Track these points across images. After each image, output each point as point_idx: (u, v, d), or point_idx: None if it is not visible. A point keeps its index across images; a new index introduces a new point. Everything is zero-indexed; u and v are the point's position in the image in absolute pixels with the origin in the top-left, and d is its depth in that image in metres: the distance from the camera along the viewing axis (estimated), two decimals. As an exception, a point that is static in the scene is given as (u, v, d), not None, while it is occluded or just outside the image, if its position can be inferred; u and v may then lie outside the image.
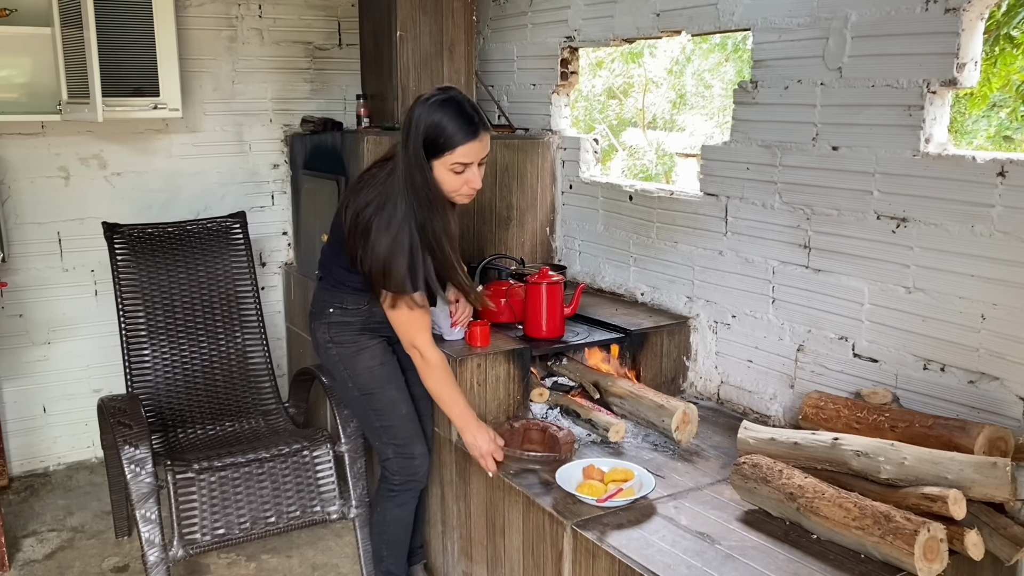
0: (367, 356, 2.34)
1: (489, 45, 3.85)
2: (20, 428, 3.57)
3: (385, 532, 2.52)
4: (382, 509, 2.50)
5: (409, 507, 2.50)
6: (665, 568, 1.81)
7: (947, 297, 2.14)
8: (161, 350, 3.11)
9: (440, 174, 2.11)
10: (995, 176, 2.00)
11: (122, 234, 3.16)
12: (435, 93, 2.10)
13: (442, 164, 2.09)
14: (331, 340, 2.36)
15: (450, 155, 2.07)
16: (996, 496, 1.77)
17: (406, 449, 2.40)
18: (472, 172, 2.12)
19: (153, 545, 2.46)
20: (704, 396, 2.90)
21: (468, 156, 2.09)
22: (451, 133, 2.06)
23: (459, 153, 2.07)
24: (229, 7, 3.68)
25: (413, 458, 2.41)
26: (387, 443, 2.41)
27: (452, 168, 2.09)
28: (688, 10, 2.77)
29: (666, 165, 9.55)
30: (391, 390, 2.36)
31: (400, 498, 2.47)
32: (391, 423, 2.38)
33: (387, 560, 2.54)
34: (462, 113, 2.07)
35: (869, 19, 2.24)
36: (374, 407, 2.38)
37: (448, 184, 2.12)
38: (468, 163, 2.10)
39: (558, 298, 2.71)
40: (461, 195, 2.17)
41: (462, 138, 2.06)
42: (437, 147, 2.07)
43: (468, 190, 2.15)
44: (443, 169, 2.10)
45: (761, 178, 2.59)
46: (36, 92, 3.31)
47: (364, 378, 2.35)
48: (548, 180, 3.51)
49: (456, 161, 2.08)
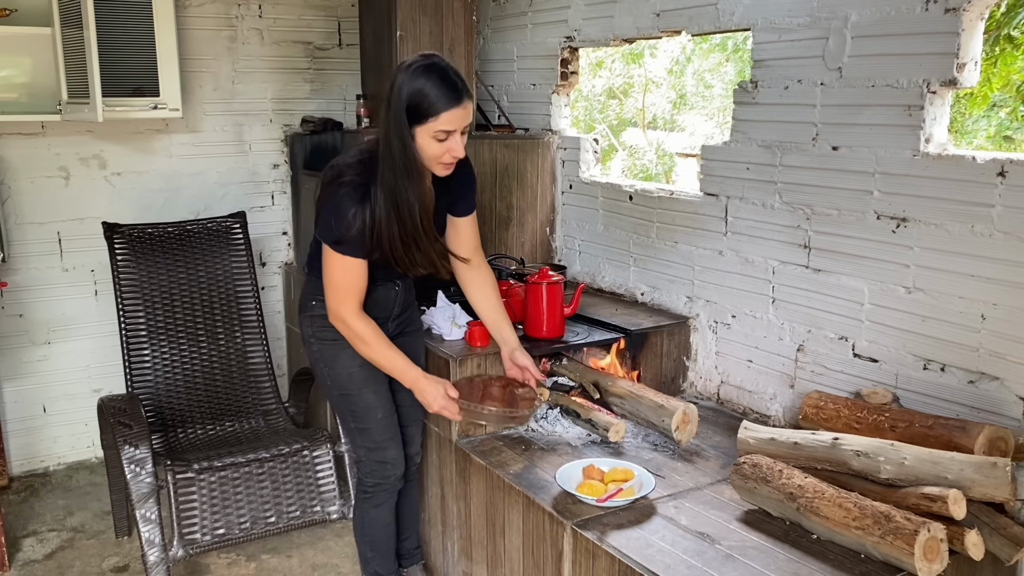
0: (347, 357, 2.30)
1: (489, 45, 3.85)
2: (20, 428, 3.57)
3: (365, 534, 2.51)
4: (359, 511, 2.50)
5: (386, 508, 2.48)
6: (665, 568, 1.81)
7: (947, 297, 2.14)
8: (161, 350, 3.11)
9: (422, 141, 2.08)
10: (995, 176, 2.00)
11: (122, 234, 3.16)
12: (417, 59, 2.08)
13: (425, 131, 2.07)
14: (313, 335, 2.34)
15: (434, 121, 2.05)
16: (996, 496, 1.77)
17: (378, 453, 2.39)
18: (455, 140, 2.10)
19: (153, 545, 2.46)
20: (704, 396, 2.90)
21: (451, 123, 2.06)
22: (434, 99, 2.03)
23: (443, 120, 2.05)
24: (229, 7, 3.69)
25: (385, 463, 2.40)
26: (360, 445, 2.40)
27: (435, 135, 2.07)
28: (688, 10, 2.77)
29: (666, 165, 9.55)
30: (368, 394, 2.34)
31: (375, 499, 2.45)
32: (366, 426, 2.36)
33: (372, 562, 2.53)
34: (445, 79, 2.05)
35: (869, 19, 2.24)
36: (351, 408, 2.36)
37: (430, 151, 2.10)
38: (451, 130, 2.07)
39: (558, 298, 2.71)
40: (442, 163, 2.14)
41: (445, 104, 2.04)
42: (420, 113, 2.05)
43: (449, 158, 2.12)
44: (425, 136, 2.07)
45: (761, 178, 2.59)
46: (36, 92, 3.31)
47: (343, 379, 2.33)
48: (548, 180, 3.51)
49: (439, 128, 2.06)
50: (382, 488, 2.43)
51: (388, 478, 2.42)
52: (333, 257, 2.15)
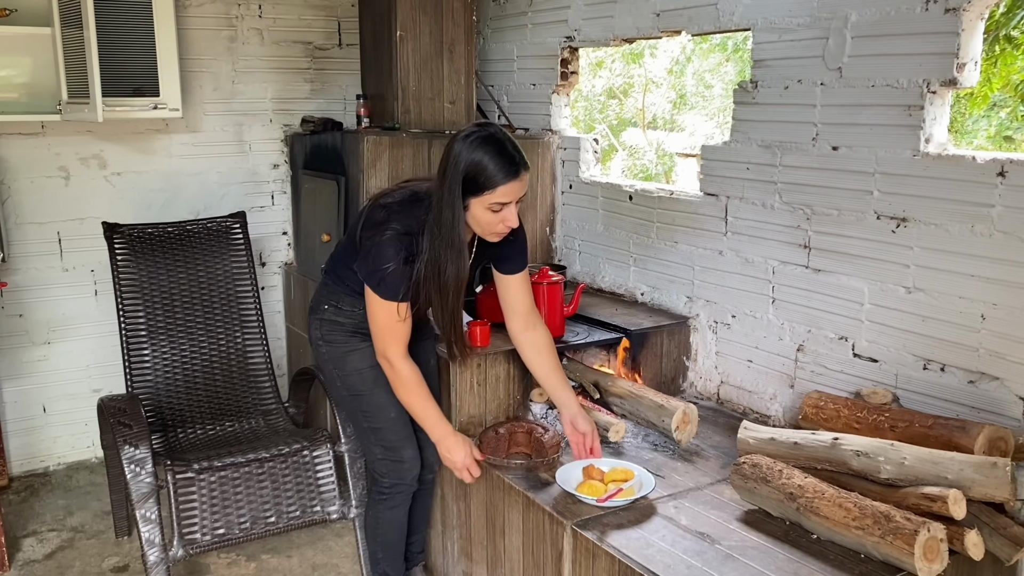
0: (357, 357, 2.31)
1: (489, 45, 3.85)
2: (20, 428, 3.57)
3: (378, 535, 2.51)
4: (374, 512, 2.49)
5: (401, 509, 2.47)
6: (665, 568, 1.81)
7: (947, 297, 2.14)
8: (161, 350, 3.11)
9: (476, 212, 2.08)
10: (995, 176, 2.00)
11: (122, 234, 3.16)
12: (474, 129, 2.08)
13: (480, 203, 2.07)
14: (322, 338, 2.34)
15: (490, 195, 2.05)
16: (996, 496, 1.77)
17: (395, 453, 2.38)
18: (509, 211, 2.10)
19: (153, 545, 2.46)
20: (704, 396, 2.90)
21: (508, 196, 2.06)
22: (492, 172, 2.03)
23: (499, 193, 2.05)
24: (229, 7, 3.68)
25: (402, 462, 2.39)
26: (375, 444, 2.39)
27: (490, 207, 2.07)
28: (688, 10, 2.77)
29: (666, 165, 9.55)
30: (380, 393, 2.32)
31: (391, 500, 2.44)
32: (379, 425, 2.36)
33: (383, 562, 2.54)
34: (503, 152, 2.04)
35: (869, 19, 2.24)
36: (362, 408, 2.36)
37: (484, 220, 2.10)
38: (507, 202, 2.07)
39: (558, 298, 2.71)
40: (495, 233, 2.14)
41: (503, 178, 2.03)
42: (477, 185, 2.05)
43: (503, 228, 2.13)
44: (480, 208, 2.07)
45: (761, 178, 2.59)
46: (36, 92, 3.31)
47: (353, 379, 2.33)
48: (548, 180, 3.51)
49: (496, 200, 2.06)
50: (399, 489, 2.43)
51: (405, 478, 2.41)
52: (375, 300, 2.15)
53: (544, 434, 2.38)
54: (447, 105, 3.47)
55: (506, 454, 2.36)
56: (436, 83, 3.43)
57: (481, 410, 2.54)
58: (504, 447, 2.37)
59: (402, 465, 2.39)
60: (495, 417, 2.56)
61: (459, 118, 3.48)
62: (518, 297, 2.35)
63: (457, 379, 2.50)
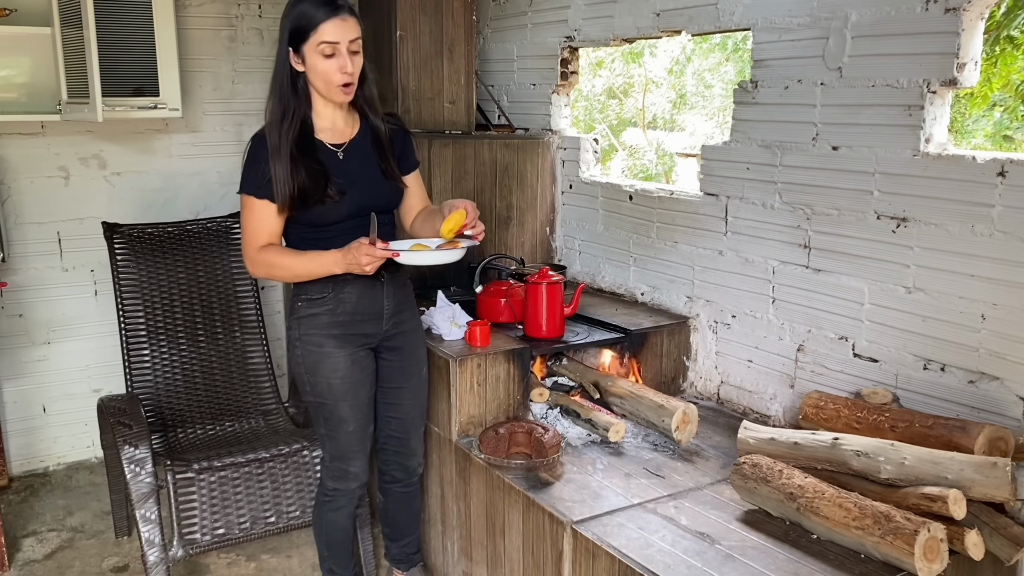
0: (329, 367, 2.29)
1: (489, 45, 3.85)
2: (20, 428, 3.57)
3: (322, 534, 2.52)
4: (318, 512, 2.50)
5: (343, 512, 2.46)
6: (665, 568, 1.81)
7: (947, 297, 2.14)
8: (161, 350, 3.11)
9: (312, 62, 2.13)
10: (995, 176, 2.00)
11: (122, 234, 3.16)
12: None
13: (312, 50, 2.12)
14: (299, 338, 2.31)
15: (315, 35, 2.10)
16: (996, 496, 1.77)
17: (343, 463, 2.38)
18: (344, 57, 2.13)
19: (153, 545, 2.46)
20: (704, 396, 2.90)
21: (333, 34, 2.10)
22: (312, 13, 2.10)
23: (323, 31, 2.09)
24: (229, 7, 3.68)
25: (348, 472, 2.39)
26: (327, 450, 2.41)
27: (320, 50, 2.11)
28: (688, 10, 2.77)
29: (666, 165, 9.54)
30: (343, 407, 2.32)
31: (333, 504, 2.44)
32: (335, 436, 2.36)
33: (329, 560, 2.55)
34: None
35: (869, 19, 2.24)
36: (323, 415, 2.35)
37: (322, 70, 2.13)
38: (335, 42, 2.11)
39: (558, 298, 2.71)
40: (338, 86, 2.16)
41: (323, 15, 2.09)
42: (303, 32, 2.11)
43: (343, 76, 2.14)
44: (313, 54, 2.12)
45: (761, 178, 2.59)
46: (36, 92, 3.31)
47: (321, 387, 2.31)
48: (548, 180, 3.51)
49: (322, 40, 2.10)
50: (341, 494, 2.43)
51: (348, 487, 2.42)
52: (241, 202, 2.23)
53: (544, 434, 2.38)
54: (447, 105, 3.47)
55: (506, 454, 2.36)
56: (436, 83, 3.43)
57: (481, 410, 2.54)
58: (504, 447, 2.37)
59: (347, 475, 2.40)
60: (495, 417, 2.56)
61: (459, 118, 3.48)
62: (413, 193, 2.41)
63: (457, 379, 2.50)
